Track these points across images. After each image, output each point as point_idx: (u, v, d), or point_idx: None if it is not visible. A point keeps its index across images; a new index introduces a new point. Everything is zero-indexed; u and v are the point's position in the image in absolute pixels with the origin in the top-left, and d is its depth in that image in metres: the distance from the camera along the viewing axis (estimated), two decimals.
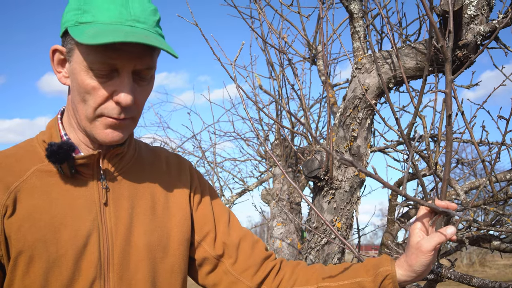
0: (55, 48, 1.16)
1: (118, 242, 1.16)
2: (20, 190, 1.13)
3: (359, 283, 1.22)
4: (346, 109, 2.12)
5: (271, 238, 3.62)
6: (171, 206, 1.29)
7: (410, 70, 1.96)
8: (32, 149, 1.20)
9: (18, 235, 1.09)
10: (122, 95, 1.10)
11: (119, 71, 1.11)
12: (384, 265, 1.21)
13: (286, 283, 1.32)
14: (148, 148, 1.37)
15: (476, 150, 1.78)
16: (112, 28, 1.08)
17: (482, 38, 1.78)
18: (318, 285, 1.27)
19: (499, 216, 2.23)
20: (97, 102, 1.11)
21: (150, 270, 1.19)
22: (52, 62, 1.17)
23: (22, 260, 1.09)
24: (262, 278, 1.32)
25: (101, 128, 1.14)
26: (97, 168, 1.20)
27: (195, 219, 1.34)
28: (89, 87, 1.10)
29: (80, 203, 1.16)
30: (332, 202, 2.16)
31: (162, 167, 1.34)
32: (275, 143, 4.06)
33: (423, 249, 1.13)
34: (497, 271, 22.57)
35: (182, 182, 1.34)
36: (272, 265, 1.35)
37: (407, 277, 1.19)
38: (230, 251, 1.33)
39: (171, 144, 5.55)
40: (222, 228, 1.35)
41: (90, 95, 1.11)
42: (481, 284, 1.25)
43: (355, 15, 2.19)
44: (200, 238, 1.33)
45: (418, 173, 1.54)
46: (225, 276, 1.32)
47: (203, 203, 1.36)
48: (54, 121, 1.23)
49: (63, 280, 1.10)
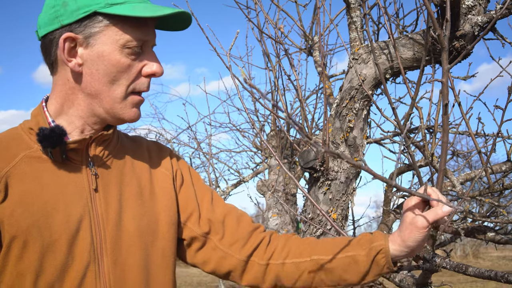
0: (67, 36, 1.13)
1: (110, 227, 1.17)
2: (10, 175, 1.12)
3: (352, 257, 1.23)
4: (342, 99, 2.12)
5: (267, 229, 3.62)
6: (157, 191, 1.30)
7: (407, 60, 1.95)
8: (18, 137, 1.19)
9: (11, 220, 1.08)
10: (155, 66, 1.20)
11: (142, 48, 1.19)
12: (377, 240, 1.22)
13: (278, 255, 1.31)
14: (128, 137, 1.39)
15: (473, 141, 1.77)
16: (143, 6, 1.16)
17: (479, 28, 1.77)
18: (311, 258, 1.27)
19: (494, 207, 2.24)
20: (130, 79, 1.18)
21: (142, 254, 1.20)
22: (62, 51, 1.15)
23: (16, 245, 1.08)
24: (251, 250, 1.32)
25: (129, 107, 1.20)
26: (85, 155, 1.20)
27: (179, 201, 1.35)
28: (125, 65, 1.16)
29: (71, 189, 1.16)
30: (328, 193, 2.16)
31: (144, 154, 1.35)
32: (270, 134, 4.05)
33: (418, 225, 1.14)
34: (491, 263, 22.74)
35: (164, 167, 1.36)
36: (261, 237, 1.35)
37: (399, 252, 1.19)
38: (216, 227, 1.34)
39: (166, 135, 5.53)
40: (206, 205, 1.36)
41: (124, 74, 1.17)
42: (477, 273, 1.25)
43: (352, 5, 2.18)
44: (185, 219, 1.33)
45: (415, 163, 1.54)
46: (214, 252, 1.32)
47: (185, 184, 1.37)
48: (39, 109, 1.23)
49: (57, 264, 1.10)
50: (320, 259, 1.26)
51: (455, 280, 13.41)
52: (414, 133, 2.38)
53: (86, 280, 1.12)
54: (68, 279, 1.11)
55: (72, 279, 1.11)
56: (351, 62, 2.10)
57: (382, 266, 1.21)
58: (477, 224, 2.36)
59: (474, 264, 21.73)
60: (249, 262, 1.32)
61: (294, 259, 1.29)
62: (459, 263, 1.35)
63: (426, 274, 1.54)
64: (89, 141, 1.19)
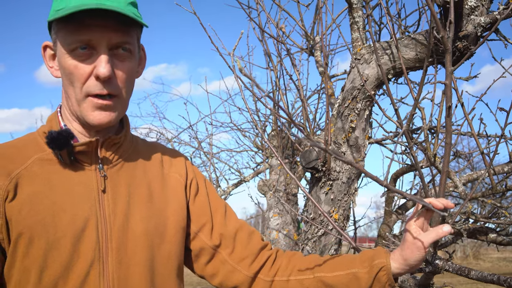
0: (45, 45, 1.25)
1: (116, 227, 1.19)
2: (21, 176, 1.17)
3: (354, 274, 1.25)
4: (344, 100, 2.11)
5: (268, 229, 3.62)
6: (167, 196, 1.32)
7: (410, 61, 1.94)
8: (33, 140, 1.25)
9: (18, 218, 1.13)
10: (99, 67, 1.15)
11: (96, 49, 1.16)
12: (379, 257, 1.24)
13: (282, 272, 1.34)
14: (146, 143, 1.42)
15: (476, 142, 1.77)
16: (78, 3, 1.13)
17: (482, 29, 1.76)
18: (314, 275, 1.30)
19: (496, 208, 2.23)
20: (81, 81, 1.17)
21: (147, 255, 1.22)
22: (44, 58, 1.26)
23: (22, 242, 1.12)
24: (259, 267, 1.35)
25: (89, 110, 1.19)
26: (95, 157, 1.23)
27: (192, 210, 1.37)
28: (72, 67, 1.17)
29: (79, 190, 1.19)
30: (330, 193, 2.16)
31: (159, 159, 1.37)
32: (271, 134, 4.05)
33: (419, 246, 1.17)
34: (491, 264, 22.73)
35: (178, 173, 1.38)
36: (268, 255, 1.38)
37: (400, 270, 1.23)
38: (227, 241, 1.36)
39: (167, 135, 5.51)
40: (219, 219, 1.38)
41: (74, 76, 1.17)
42: (479, 276, 1.24)
43: (355, 5, 2.17)
44: (197, 229, 1.35)
45: (417, 164, 1.54)
46: (223, 266, 1.35)
47: (199, 195, 1.39)
48: (54, 115, 1.29)
49: (62, 261, 1.13)
50: (323, 276, 1.29)
51: (455, 281, 13.41)
52: (416, 134, 2.37)
53: (90, 278, 1.14)
54: (72, 276, 1.13)
55: (76, 277, 1.13)
56: (353, 62, 2.09)
57: (384, 283, 1.23)
58: (479, 225, 2.35)
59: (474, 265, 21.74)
60: (256, 278, 1.35)
61: (298, 276, 1.32)
62: (462, 266, 1.34)
63: (428, 276, 1.54)
64: (97, 144, 1.23)
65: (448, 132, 1.28)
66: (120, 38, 1.17)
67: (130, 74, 1.23)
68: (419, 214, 1.19)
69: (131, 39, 1.21)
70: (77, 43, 1.15)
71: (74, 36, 1.15)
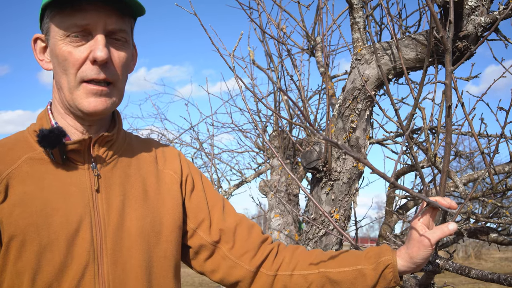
0: (36, 37, 1.23)
1: (111, 228, 1.17)
2: (12, 177, 1.14)
3: (360, 271, 1.23)
4: (345, 100, 2.12)
5: (269, 229, 3.62)
6: (162, 193, 1.29)
7: (410, 61, 1.94)
8: (23, 139, 1.21)
9: (9, 220, 1.10)
10: (97, 50, 1.13)
11: (92, 34, 1.15)
12: (385, 254, 1.23)
13: (286, 267, 1.32)
14: (139, 139, 1.39)
15: (476, 142, 1.77)
16: None
17: (482, 29, 1.76)
18: (319, 270, 1.27)
19: (497, 208, 2.23)
20: (75, 66, 1.15)
21: (144, 255, 1.20)
22: (34, 51, 1.24)
23: (14, 244, 1.09)
24: (261, 261, 1.33)
25: (83, 97, 1.16)
26: (88, 156, 1.20)
27: (189, 207, 1.34)
28: (66, 52, 1.14)
29: (72, 190, 1.16)
30: (331, 194, 2.16)
31: (153, 156, 1.35)
32: (273, 134, 4.05)
33: (426, 243, 1.16)
34: (493, 264, 22.70)
35: (173, 170, 1.35)
36: (270, 248, 1.36)
37: (407, 268, 1.21)
38: (226, 236, 1.34)
39: (168, 136, 5.52)
40: (217, 214, 1.36)
41: (68, 62, 1.15)
42: (479, 275, 1.24)
43: (355, 6, 2.18)
44: (195, 226, 1.33)
45: (417, 164, 1.54)
46: (223, 261, 1.32)
47: (196, 191, 1.37)
48: (44, 112, 1.25)
49: (55, 264, 1.10)
50: (328, 272, 1.26)
51: (457, 281, 13.40)
52: (417, 134, 2.37)
53: (85, 280, 1.12)
54: (67, 278, 1.11)
55: (71, 279, 1.11)
56: (353, 62, 2.09)
57: (389, 280, 1.22)
58: (480, 225, 2.35)
59: (476, 265, 21.70)
60: (258, 273, 1.33)
61: (302, 271, 1.29)
62: (462, 265, 1.34)
63: (429, 275, 1.54)
64: (90, 141, 1.20)
65: (448, 132, 1.28)
66: (115, 25, 1.16)
67: (126, 63, 1.22)
68: (424, 212, 1.19)
69: (127, 27, 1.20)
70: (74, 28, 1.13)
71: (70, 20, 1.13)
